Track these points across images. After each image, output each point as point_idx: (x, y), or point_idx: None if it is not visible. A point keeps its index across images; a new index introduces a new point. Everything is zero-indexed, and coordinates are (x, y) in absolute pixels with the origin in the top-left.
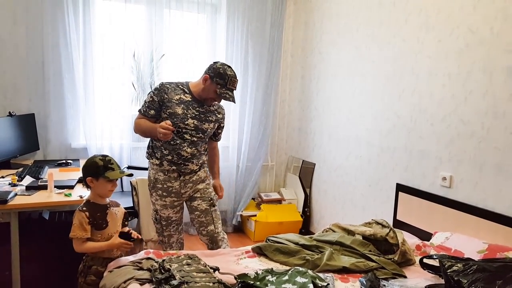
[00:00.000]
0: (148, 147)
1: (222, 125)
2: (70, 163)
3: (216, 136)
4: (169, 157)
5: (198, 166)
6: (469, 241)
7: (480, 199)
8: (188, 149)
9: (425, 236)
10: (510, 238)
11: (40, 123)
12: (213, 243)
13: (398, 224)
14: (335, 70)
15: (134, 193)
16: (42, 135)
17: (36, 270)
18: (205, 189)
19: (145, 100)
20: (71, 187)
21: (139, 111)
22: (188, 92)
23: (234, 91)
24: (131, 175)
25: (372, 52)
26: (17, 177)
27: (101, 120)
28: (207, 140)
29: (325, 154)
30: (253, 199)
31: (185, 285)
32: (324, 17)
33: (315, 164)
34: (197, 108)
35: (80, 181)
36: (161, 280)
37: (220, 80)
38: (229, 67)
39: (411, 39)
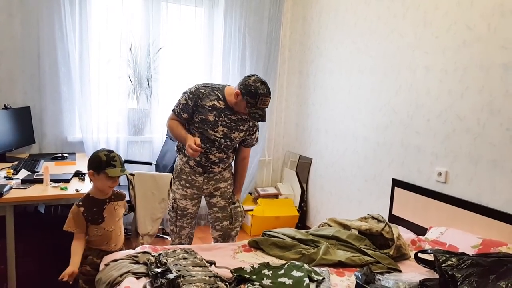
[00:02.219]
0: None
1: (251, 132)
2: (66, 156)
3: (244, 142)
4: (197, 158)
5: (223, 169)
6: (464, 236)
7: (475, 194)
8: (217, 153)
9: (420, 231)
10: (504, 233)
11: (35, 116)
12: (224, 239)
13: (394, 219)
14: (333, 65)
15: (130, 187)
16: (38, 128)
17: (32, 264)
18: (226, 189)
19: (179, 100)
20: (67, 181)
21: (173, 110)
22: (222, 99)
23: (266, 108)
24: (132, 174)
25: (370, 47)
26: (12, 171)
27: (97, 113)
28: (235, 147)
29: (322, 149)
30: (250, 193)
31: (182, 279)
32: (322, 11)
33: (312, 159)
34: (229, 116)
35: (76, 174)
36: (158, 274)
37: (251, 99)
38: (263, 83)
39: (409, 35)
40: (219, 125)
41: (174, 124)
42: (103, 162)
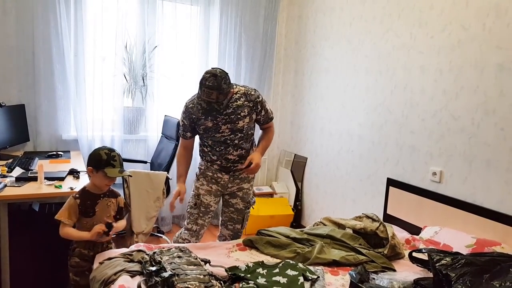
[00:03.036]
0: (200, 146)
1: (258, 110)
2: (61, 154)
3: (259, 122)
4: (218, 162)
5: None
6: (458, 236)
7: (469, 194)
8: (234, 152)
9: (414, 230)
10: (498, 232)
11: (30, 114)
12: (232, 239)
13: (388, 218)
14: (328, 64)
15: (125, 185)
16: (32, 126)
17: (26, 262)
18: (248, 190)
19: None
20: (62, 179)
21: (179, 135)
22: None
23: (216, 104)
24: (130, 176)
25: (365, 47)
26: (6, 168)
27: (92, 111)
28: (251, 133)
29: (317, 148)
30: None
31: (176, 277)
32: (318, 10)
33: (307, 158)
34: (225, 112)
35: (70, 172)
36: (152, 272)
37: (199, 88)
38: (214, 76)
39: (404, 35)
40: (221, 125)
41: (179, 157)
42: (103, 161)
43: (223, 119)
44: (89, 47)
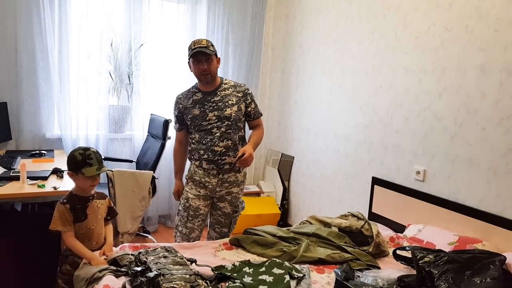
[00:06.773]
0: (188, 145)
1: (248, 102)
2: (44, 153)
3: (250, 115)
4: (205, 156)
5: (235, 164)
6: (441, 233)
7: (452, 192)
8: (221, 143)
9: (398, 228)
10: (479, 230)
11: (12, 112)
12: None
13: (373, 216)
14: (315, 64)
15: (110, 185)
16: (15, 124)
17: (7, 263)
18: (237, 194)
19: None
20: (45, 178)
21: (174, 128)
22: (198, 91)
23: (206, 48)
24: (110, 171)
25: (351, 47)
26: None
27: (77, 110)
28: (239, 126)
29: (304, 148)
30: None
31: (162, 277)
32: (304, 11)
33: (294, 157)
34: (212, 99)
35: (54, 172)
36: (137, 273)
37: (189, 51)
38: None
39: (389, 35)
40: (208, 112)
41: (174, 153)
42: (79, 162)
43: (210, 106)
44: (73, 44)
